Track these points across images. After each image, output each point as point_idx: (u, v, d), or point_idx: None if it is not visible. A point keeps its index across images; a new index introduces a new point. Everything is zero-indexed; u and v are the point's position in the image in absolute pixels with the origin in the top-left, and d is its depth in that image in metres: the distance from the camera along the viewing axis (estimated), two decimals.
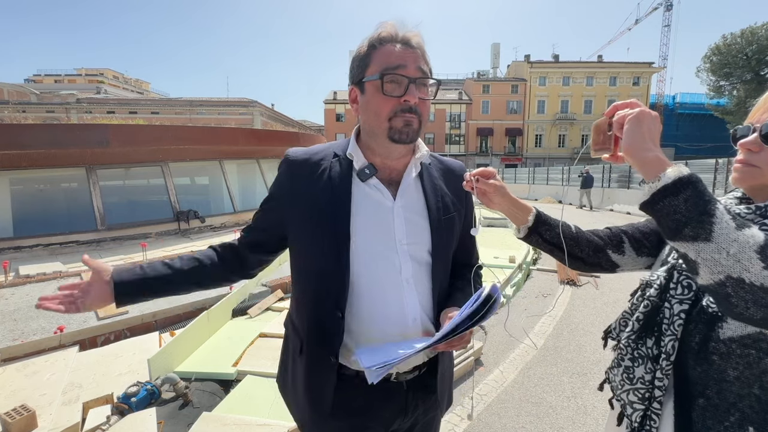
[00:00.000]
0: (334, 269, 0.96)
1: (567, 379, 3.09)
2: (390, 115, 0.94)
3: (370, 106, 0.96)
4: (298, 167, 1.03)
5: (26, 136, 7.97)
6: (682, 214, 0.63)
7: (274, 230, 1.08)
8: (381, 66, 0.93)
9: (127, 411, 2.52)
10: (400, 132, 0.95)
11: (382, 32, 0.95)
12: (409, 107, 0.94)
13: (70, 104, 36.69)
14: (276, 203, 1.06)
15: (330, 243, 0.96)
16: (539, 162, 41.86)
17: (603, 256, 1.03)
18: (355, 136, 1.06)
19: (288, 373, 1.12)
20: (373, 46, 0.95)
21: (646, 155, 0.69)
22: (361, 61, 0.97)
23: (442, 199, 1.07)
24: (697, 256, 0.62)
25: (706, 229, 0.61)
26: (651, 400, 0.81)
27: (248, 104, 39.67)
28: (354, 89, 1.01)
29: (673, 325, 0.78)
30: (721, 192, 12.07)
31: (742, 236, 0.59)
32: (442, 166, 1.14)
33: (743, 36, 28.12)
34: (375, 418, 1.02)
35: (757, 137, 0.76)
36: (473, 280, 1.10)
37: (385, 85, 0.92)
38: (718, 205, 0.62)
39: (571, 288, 5.40)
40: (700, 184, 0.64)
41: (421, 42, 0.97)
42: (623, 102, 0.77)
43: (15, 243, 7.40)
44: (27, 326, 3.95)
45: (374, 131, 0.98)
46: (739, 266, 0.58)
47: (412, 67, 0.93)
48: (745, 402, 0.71)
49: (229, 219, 10.31)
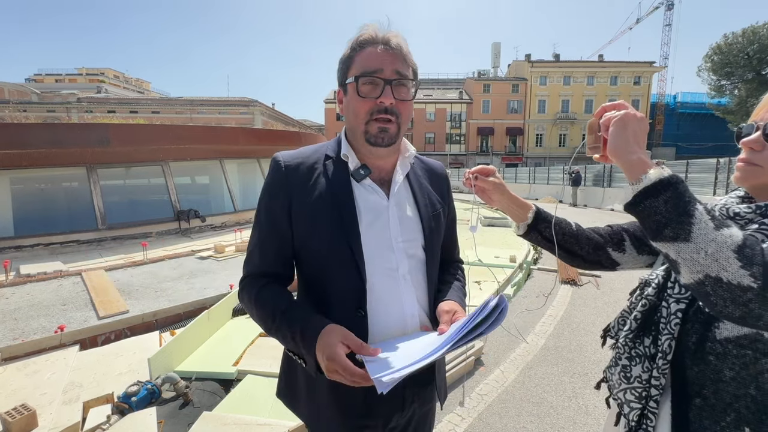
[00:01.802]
0: (351, 272, 0.96)
1: (568, 379, 3.08)
2: (366, 117, 0.96)
3: (349, 107, 0.99)
4: (293, 173, 1.01)
5: (27, 136, 7.99)
6: (662, 215, 0.64)
7: (286, 243, 1.02)
8: (359, 69, 0.96)
9: (127, 410, 2.53)
10: (376, 137, 0.97)
11: (363, 35, 0.97)
12: (385, 108, 0.95)
13: (71, 104, 36.76)
14: (279, 219, 1.00)
15: (344, 246, 0.96)
16: (540, 161, 41.84)
17: (603, 253, 1.03)
18: (345, 137, 1.07)
19: (301, 388, 1.08)
20: (354, 49, 0.98)
21: (630, 157, 0.71)
22: (344, 63, 1.00)
23: (428, 197, 1.11)
24: (677, 255, 0.63)
25: (685, 229, 0.62)
26: (648, 399, 0.81)
27: (249, 104, 39.73)
28: (340, 91, 1.04)
29: (669, 325, 0.78)
30: (722, 192, 12.06)
31: (720, 236, 0.60)
32: (424, 165, 1.18)
33: (744, 35, 28.06)
34: (375, 417, 1.02)
35: (759, 136, 0.76)
36: (457, 275, 1.18)
37: (360, 87, 0.95)
38: (697, 206, 0.63)
39: (571, 287, 5.40)
40: (681, 186, 0.65)
41: (401, 42, 0.98)
42: (611, 103, 0.78)
43: (16, 242, 7.41)
44: (27, 325, 3.96)
45: (354, 133, 1.01)
46: (716, 265, 0.60)
47: (389, 69, 0.95)
48: (742, 402, 0.71)
49: (230, 218, 10.33)
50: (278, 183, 1.01)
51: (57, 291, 5.12)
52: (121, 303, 4.43)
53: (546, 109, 46.14)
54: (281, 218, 1.00)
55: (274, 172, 1.02)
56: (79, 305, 4.51)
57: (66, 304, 4.56)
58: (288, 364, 1.14)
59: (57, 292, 5.05)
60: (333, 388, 0.99)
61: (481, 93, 46.31)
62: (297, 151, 1.06)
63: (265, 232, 1.03)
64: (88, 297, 4.77)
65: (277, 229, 1.01)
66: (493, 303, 0.82)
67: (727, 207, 0.82)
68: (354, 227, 0.97)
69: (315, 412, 1.06)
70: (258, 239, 1.04)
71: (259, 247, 1.04)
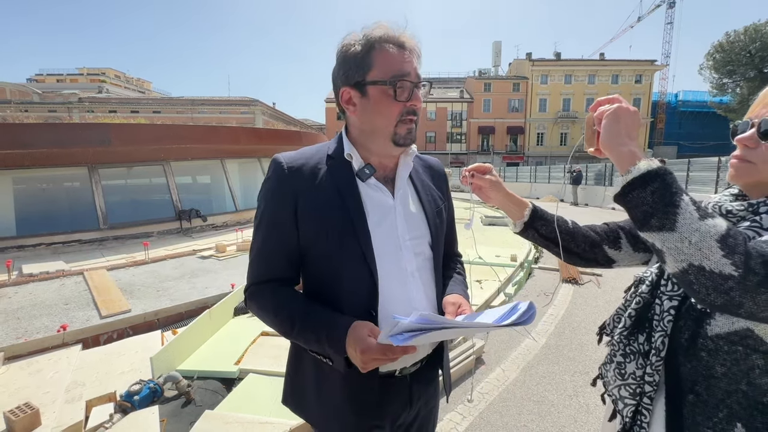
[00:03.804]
0: (362, 272, 0.96)
1: (569, 378, 3.09)
2: (397, 119, 0.97)
3: (378, 109, 0.97)
4: (297, 174, 0.99)
5: (29, 136, 8.00)
6: (649, 205, 0.66)
7: (292, 246, 1.00)
8: (389, 72, 0.94)
9: (129, 409, 2.54)
10: (404, 138, 0.99)
11: (380, 33, 0.95)
12: (413, 110, 0.98)
13: (72, 104, 36.79)
14: (284, 222, 0.98)
15: (354, 247, 0.96)
16: (541, 160, 41.75)
17: (599, 251, 1.04)
18: (347, 137, 1.05)
19: (310, 391, 1.07)
20: (371, 46, 0.95)
21: (621, 149, 0.72)
22: (360, 61, 0.95)
23: (431, 194, 1.13)
24: (662, 245, 0.65)
25: (671, 219, 0.63)
26: (642, 396, 0.82)
27: (250, 103, 39.70)
28: (348, 90, 0.99)
29: (663, 322, 0.79)
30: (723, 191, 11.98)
31: (704, 226, 0.62)
32: (423, 162, 1.19)
33: (746, 33, 27.93)
34: (383, 416, 1.03)
35: (753, 133, 0.76)
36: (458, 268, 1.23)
37: (398, 90, 0.95)
38: (683, 197, 0.64)
39: (572, 286, 5.40)
40: (669, 177, 0.66)
41: (417, 44, 0.99)
42: (606, 98, 0.80)
43: (18, 242, 7.43)
44: (30, 325, 3.97)
45: (377, 133, 0.99)
46: (700, 254, 0.61)
47: (414, 72, 0.97)
48: (733, 398, 0.71)
49: (231, 218, 10.34)
50: (282, 185, 0.98)
51: (59, 290, 5.14)
52: (123, 302, 4.45)
53: (547, 107, 46.03)
54: (286, 220, 0.98)
55: (277, 174, 1.00)
56: (81, 305, 4.53)
57: (68, 304, 4.58)
58: (295, 368, 1.12)
59: (59, 292, 5.08)
60: (345, 388, 0.99)
61: (482, 92, 46.21)
62: (298, 152, 1.04)
63: (269, 235, 1.00)
64: (90, 296, 4.79)
65: (283, 232, 0.99)
66: (522, 308, 0.82)
67: (720, 204, 0.83)
68: (364, 227, 0.97)
69: (326, 412, 1.05)
70: (262, 244, 1.01)
71: (264, 252, 1.01)
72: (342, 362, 0.90)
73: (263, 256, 1.02)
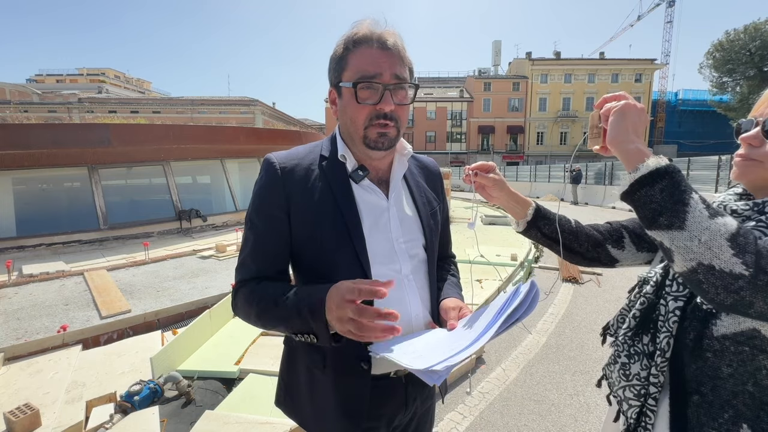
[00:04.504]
0: (355, 276, 0.92)
1: (569, 377, 3.09)
2: (365, 123, 0.93)
3: (346, 111, 0.95)
4: (290, 174, 0.96)
5: (28, 136, 8.00)
6: (657, 203, 0.65)
7: (284, 246, 0.99)
8: (356, 73, 0.91)
9: (130, 409, 2.54)
10: (375, 142, 0.94)
11: (357, 33, 0.92)
12: (384, 114, 0.92)
13: (72, 104, 36.82)
14: (277, 218, 0.96)
15: (349, 250, 0.94)
16: (541, 160, 41.73)
17: (602, 250, 1.04)
18: (341, 137, 1.03)
19: (303, 392, 1.06)
20: (347, 48, 0.93)
21: (628, 147, 0.71)
22: (338, 63, 0.95)
23: (425, 195, 1.10)
24: (671, 243, 0.64)
25: (680, 217, 0.62)
26: (646, 397, 0.81)
27: (249, 103, 39.72)
28: (333, 91, 1.00)
29: (668, 322, 0.78)
30: (724, 189, 12.01)
31: (714, 224, 0.61)
32: (419, 163, 1.17)
33: (746, 32, 27.91)
34: (379, 417, 1.02)
35: (758, 131, 0.76)
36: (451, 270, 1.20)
37: (359, 92, 0.90)
38: (693, 195, 0.63)
39: (573, 286, 5.40)
40: (677, 175, 0.65)
41: (398, 41, 0.93)
42: (612, 94, 0.79)
43: (18, 242, 7.43)
44: (30, 325, 3.97)
45: (351, 137, 0.98)
46: (710, 253, 0.60)
47: (388, 73, 0.91)
48: (739, 399, 0.71)
49: (231, 218, 10.33)
50: (274, 185, 0.96)
51: (59, 291, 5.14)
52: (123, 303, 4.44)
53: (547, 107, 46.01)
54: (279, 220, 0.96)
55: (269, 174, 0.97)
56: (81, 305, 4.53)
57: (68, 304, 4.58)
58: (288, 367, 1.11)
59: (59, 292, 5.07)
60: (338, 389, 0.98)
61: (481, 91, 46.18)
62: (291, 152, 1.02)
63: (260, 235, 0.98)
64: (90, 297, 4.78)
65: (275, 232, 0.97)
66: (524, 289, 0.82)
67: (725, 204, 0.82)
68: (358, 230, 0.95)
69: (318, 415, 1.04)
70: (253, 243, 0.98)
71: (255, 251, 0.99)
72: (326, 336, 0.83)
73: (254, 255, 0.99)
